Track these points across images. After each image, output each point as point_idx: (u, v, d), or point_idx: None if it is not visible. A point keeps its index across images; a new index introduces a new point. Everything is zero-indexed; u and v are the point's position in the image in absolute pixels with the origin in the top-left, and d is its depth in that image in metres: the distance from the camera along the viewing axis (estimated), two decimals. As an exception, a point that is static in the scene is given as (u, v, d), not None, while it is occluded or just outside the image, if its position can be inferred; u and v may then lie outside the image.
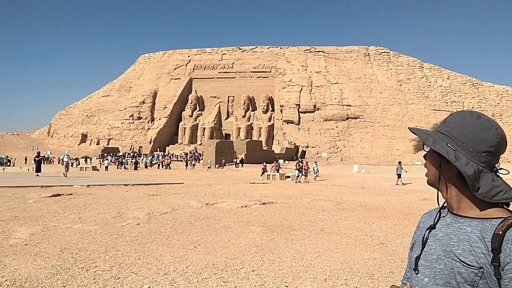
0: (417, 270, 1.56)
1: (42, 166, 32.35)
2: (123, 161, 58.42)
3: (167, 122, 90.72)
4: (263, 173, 36.14)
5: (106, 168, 48.62)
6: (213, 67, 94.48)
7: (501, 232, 1.38)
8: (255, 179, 32.20)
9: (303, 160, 36.37)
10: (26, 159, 64.41)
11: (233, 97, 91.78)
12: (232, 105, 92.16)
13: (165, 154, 74.25)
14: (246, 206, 13.05)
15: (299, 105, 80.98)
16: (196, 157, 66.84)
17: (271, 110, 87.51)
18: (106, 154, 67.19)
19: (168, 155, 71.17)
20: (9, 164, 61.30)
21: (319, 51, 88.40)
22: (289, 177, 33.28)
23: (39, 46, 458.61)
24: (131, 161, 56.28)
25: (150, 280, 5.45)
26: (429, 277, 1.50)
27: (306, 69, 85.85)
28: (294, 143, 78.77)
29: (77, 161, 58.36)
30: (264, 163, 41.10)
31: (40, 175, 26.73)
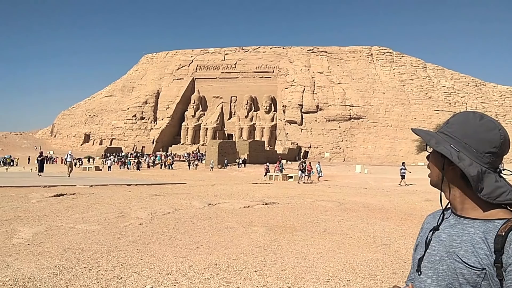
0: (420, 271, 1.56)
1: (45, 166, 32.45)
2: (126, 161, 58.56)
3: (170, 122, 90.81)
4: (266, 174, 36.16)
5: (109, 168, 48.78)
6: (216, 67, 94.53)
7: (504, 233, 1.38)
8: (258, 180, 32.20)
9: (306, 161, 36.34)
10: (29, 159, 64.67)
11: (236, 97, 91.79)
12: (235, 105, 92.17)
13: (168, 154, 74.33)
14: (249, 207, 13.03)
15: (302, 106, 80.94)
16: (199, 157, 66.94)
17: (274, 111, 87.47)
18: (109, 154, 67.27)
19: (171, 155, 71.27)
20: (12, 164, 61.55)
21: (322, 51, 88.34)
22: (292, 178, 33.29)
23: (42, 46, 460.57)
24: (134, 161, 56.38)
25: (153, 280, 5.45)
26: (432, 278, 1.51)
27: (309, 69, 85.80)
28: (297, 144, 78.72)
29: (80, 161, 58.52)
30: (267, 164, 41.13)
31: (43, 175, 26.81)
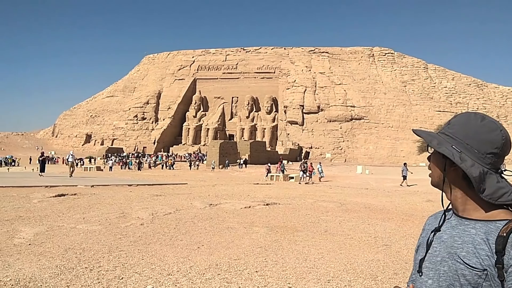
0: (421, 272, 1.56)
1: (47, 166, 32.50)
2: (127, 162, 58.62)
3: (171, 123, 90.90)
4: (268, 174, 36.17)
5: (110, 169, 48.82)
6: (217, 68, 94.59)
7: (505, 234, 1.38)
8: (259, 180, 32.19)
9: (308, 161, 36.35)
10: (31, 159, 64.79)
11: (237, 98, 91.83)
12: (236, 106, 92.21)
13: (169, 155, 74.41)
14: (250, 207, 13.03)
15: (303, 106, 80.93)
16: (200, 158, 66.98)
17: (275, 111, 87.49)
18: (110, 155, 67.38)
19: (172, 156, 71.34)
20: (14, 164, 61.67)
21: (323, 52, 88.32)
22: (293, 178, 33.28)
23: (43, 46, 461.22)
24: (135, 162, 56.46)
25: (154, 280, 5.45)
26: (433, 279, 1.51)
27: (310, 70, 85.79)
28: (298, 144, 78.71)
29: (81, 161, 58.60)
30: (269, 164, 41.18)
31: (45, 175, 26.83)
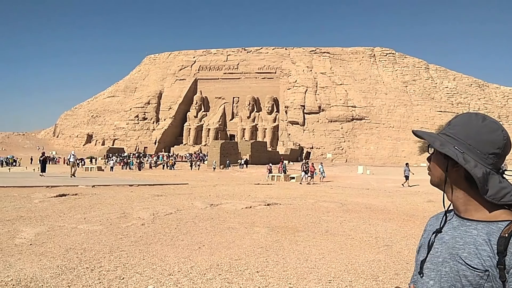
0: (422, 274, 1.56)
1: (48, 166, 32.52)
2: (128, 162, 58.67)
3: (172, 123, 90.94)
4: (270, 174, 36.20)
5: (111, 169, 48.86)
6: (218, 68, 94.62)
7: (507, 235, 1.37)
8: (260, 180, 32.20)
9: (309, 162, 36.36)
10: (32, 159, 64.84)
11: (238, 98, 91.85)
12: (237, 106, 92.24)
13: (170, 155, 74.46)
14: (251, 207, 13.03)
15: (304, 106, 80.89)
16: (201, 158, 66.99)
17: (276, 111, 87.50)
18: (111, 155, 67.47)
19: (173, 156, 71.40)
20: (15, 164, 61.76)
21: (324, 52, 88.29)
22: (294, 178, 33.28)
23: (44, 46, 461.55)
24: (136, 162, 56.52)
25: (155, 281, 5.46)
26: (435, 280, 1.50)
27: (311, 70, 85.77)
28: (299, 144, 78.67)
29: (83, 162, 58.65)
30: (270, 164, 41.22)
31: (46, 175, 26.86)
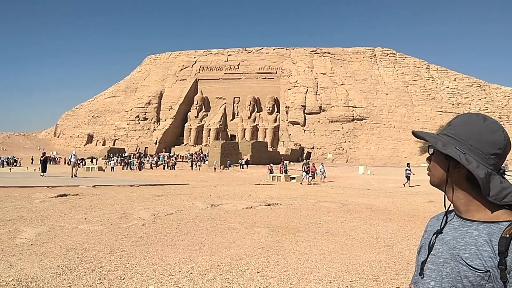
0: (423, 275, 1.55)
1: (49, 167, 32.54)
2: (129, 162, 58.71)
3: (173, 123, 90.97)
4: (271, 174, 36.21)
5: (112, 169, 48.90)
6: (219, 68, 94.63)
7: (508, 236, 1.37)
8: (260, 180, 32.20)
9: (310, 162, 36.35)
10: (33, 159, 64.91)
11: (239, 98, 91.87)
12: (238, 106, 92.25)
13: (171, 155, 74.48)
14: (251, 207, 13.03)
15: (305, 106, 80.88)
16: (202, 158, 67.00)
17: (277, 111, 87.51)
18: (112, 155, 67.54)
19: (174, 156, 71.41)
20: (16, 164, 61.83)
21: (325, 53, 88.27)
22: (294, 179, 33.27)
23: (44, 46, 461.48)
24: (137, 162, 56.57)
25: (155, 281, 5.46)
26: (436, 281, 1.50)
27: (312, 71, 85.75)
28: (299, 145, 78.64)
29: (83, 162, 58.70)
30: (271, 164, 41.25)
31: (46, 176, 26.87)
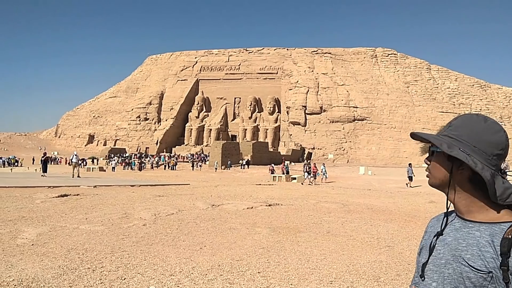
0: (424, 277, 1.55)
1: (50, 167, 32.57)
2: (130, 162, 58.74)
3: (174, 123, 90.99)
4: (272, 174, 36.23)
5: (113, 169, 48.96)
6: (220, 69, 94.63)
7: (510, 237, 1.37)
8: (261, 181, 32.19)
9: (311, 162, 36.35)
10: (34, 160, 64.99)
11: (240, 99, 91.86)
12: (239, 107, 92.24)
13: (171, 155, 74.49)
14: (252, 208, 13.02)
15: (306, 107, 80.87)
16: (202, 158, 67.00)
17: (278, 112, 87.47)
18: (113, 155, 67.56)
19: (174, 156, 71.43)
20: (17, 164, 61.88)
21: (326, 53, 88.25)
22: (295, 179, 33.25)
23: (44, 46, 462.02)
24: (138, 162, 56.61)
25: (156, 281, 5.46)
26: (438, 282, 1.49)
27: (313, 71, 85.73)
28: (300, 145, 78.64)
29: (84, 162, 58.74)
30: (272, 165, 41.29)
31: (47, 176, 26.88)
